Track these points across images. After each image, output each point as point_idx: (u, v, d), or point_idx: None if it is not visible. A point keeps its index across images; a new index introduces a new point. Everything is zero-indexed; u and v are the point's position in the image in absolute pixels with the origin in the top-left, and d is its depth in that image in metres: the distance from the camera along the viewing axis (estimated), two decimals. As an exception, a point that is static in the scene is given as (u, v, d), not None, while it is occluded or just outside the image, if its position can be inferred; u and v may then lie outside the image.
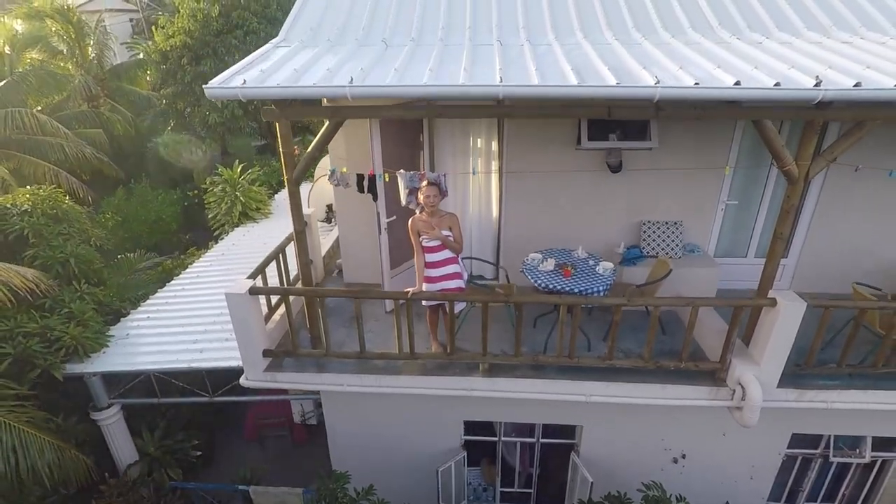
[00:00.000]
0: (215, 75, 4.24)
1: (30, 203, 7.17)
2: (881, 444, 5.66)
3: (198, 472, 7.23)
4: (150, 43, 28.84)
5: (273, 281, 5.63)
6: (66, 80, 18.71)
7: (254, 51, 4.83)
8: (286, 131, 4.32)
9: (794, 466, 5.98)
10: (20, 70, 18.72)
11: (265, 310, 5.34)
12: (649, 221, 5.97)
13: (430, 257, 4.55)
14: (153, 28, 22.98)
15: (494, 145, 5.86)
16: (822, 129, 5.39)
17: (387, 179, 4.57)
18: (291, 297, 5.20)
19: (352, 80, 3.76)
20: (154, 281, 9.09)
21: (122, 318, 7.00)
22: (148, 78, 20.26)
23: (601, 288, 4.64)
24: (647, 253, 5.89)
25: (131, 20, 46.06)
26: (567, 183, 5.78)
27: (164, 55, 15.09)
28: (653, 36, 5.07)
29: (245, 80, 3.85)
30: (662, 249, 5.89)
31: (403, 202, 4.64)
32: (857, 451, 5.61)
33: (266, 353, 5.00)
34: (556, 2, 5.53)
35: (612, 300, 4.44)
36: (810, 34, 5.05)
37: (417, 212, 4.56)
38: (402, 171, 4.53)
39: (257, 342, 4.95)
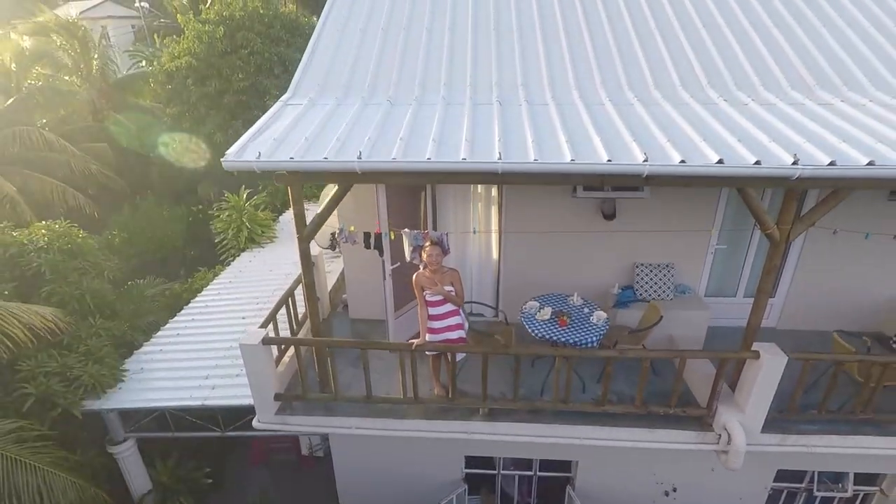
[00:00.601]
0: (220, 95, 4.46)
1: (46, 239, 7.44)
2: (863, 479, 5.93)
3: (209, 499, 7.50)
4: (153, 53, 29.11)
5: (282, 318, 5.86)
6: (72, 95, 18.96)
7: (256, 71, 5.06)
8: (298, 195, 4.58)
9: (780, 499, 6.24)
10: (28, 83, 19.00)
11: (275, 351, 5.60)
12: (642, 264, 6.23)
13: (434, 310, 4.81)
14: (154, 36, 23.12)
15: (494, 191, 6.13)
16: (802, 193, 5.66)
17: (392, 238, 4.83)
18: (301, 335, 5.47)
19: (360, 155, 4.01)
20: (163, 307, 9.35)
21: (134, 351, 7.27)
22: (152, 86, 20.38)
23: (594, 339, 4.91)
24: (640, 295, 6.15)
25: (133, 27, 46.32)
26: (564, 228, 6.04)
27: (170, 75, 15.33)
28: (644, 95, 5.33)
29: (259, 154, 4.11)
30: (655, 291, 6.16)
31: (408, 259, 4.91)
32: (840, 485, 5.88)
33: (277, 398, 5.27)
34: (553, 58, 5.79)
35: (605, 353, 4.71)
36: (794, 94, 5.31)
37: (421, 267, 4.83)
38: (406, 229, 4.80)
39: (269, 387, 5.22)
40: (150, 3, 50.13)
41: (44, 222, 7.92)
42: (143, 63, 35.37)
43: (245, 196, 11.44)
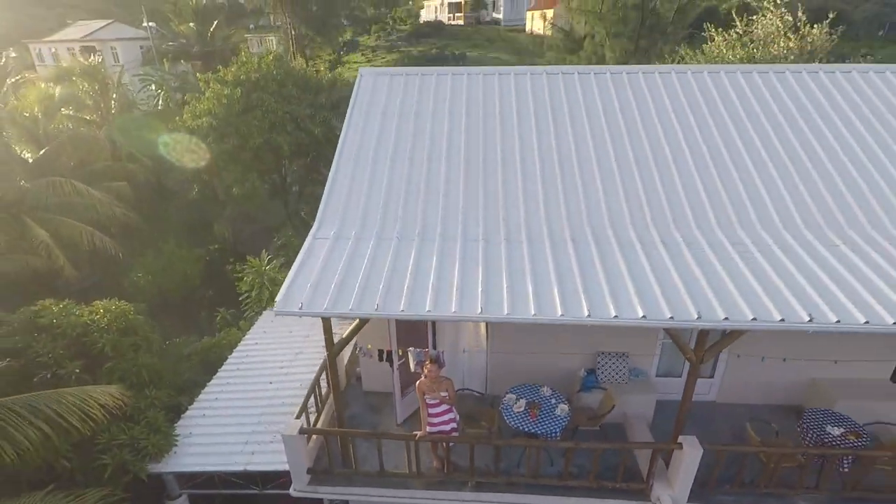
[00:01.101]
0: (237, 152, 5.65)
1: (106, 320, 8.84)
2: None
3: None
4: (162, 76, 30.42)
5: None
6: (95, 141, 20.23)
7: (270, 128, 6.32)
8: (328, 325, 5.99)
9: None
10: (52, 127, 20.36)
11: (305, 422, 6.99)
12: (603, 352, 7.63)
13: (432, 409, 6.21)
14: (164, 60, 24.32)
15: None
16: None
17: (400, 354, 6.23)
18: (324, 413, 6.88)
19: (377, 307, 5.42)
20: (197, 364, 10.77)
21: (181, 415, 8.67)
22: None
23: (557, 430, 6.32)
24: (601, 380, 7.56)
25: (141, 47, 47.61)
26: (538, 329, 7.42)
27: (191, 131, 16.70)
28: (605, 244, 6.68)
29: (301, 305, 5.50)
30: (613, 375, 7.57)
31: (412, 370, 6.31)
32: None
33: (310, 471, 6.68)
34: (529, 202, 7.10)
35: (565, 444, 6.13)
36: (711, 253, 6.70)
37: (423, 376, 6.22)
38: (411, 349, 6.20)
39: (303, 463, 6.62)
40: (157, 23, 51.38)
41: (101, 302, 9.30)
42: (153, 87, 36.77)
43: (266, 260, 12.81)
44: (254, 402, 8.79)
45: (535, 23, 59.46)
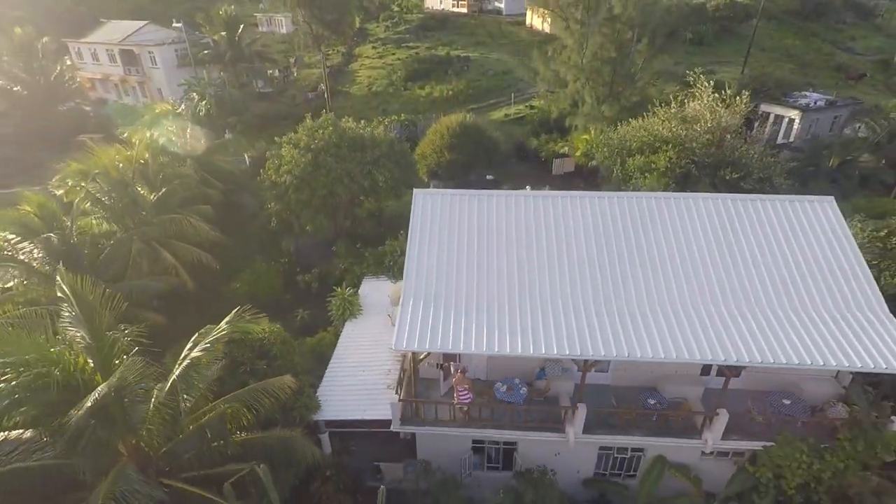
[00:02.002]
0: (310, 201, 12.35)
1: (272, 337, 15.61)
2: (634, 449, 14.49)
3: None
4: (200, 82, 36.17)
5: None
6: (189, 176, 26.39)
7: (331, 183, 13.28)
8: (416, 357, 12.84)
9: (603, 458, 14.79)
10: (156, 169, 26.42)
11: (398, 398, 13.92)
12: (549, 360, 14.52)
13: (460, 391, 13.19)
14: (205, 73, 29.87)
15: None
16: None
17: (443, 365, 13.12)
18: (403, 387, 13.91)
19: (451, 346, 12.26)
20: (310, 359, 17.62)
21: (317, 388, 15.60)
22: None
23: (521, 400, 13.33)
24: (546, 375, 14.48)
25: (176, 51, 52.41)
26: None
27: (274, 184, 23.01)
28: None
29: (405, 343, 12.33)
30: (552, 372, 14.49)
31: (451, 373, 13.25)
32: (627, 451, 14.43)
33: (402, 420, 13.71)
34: (535, 283, 13.83)
35: (525, 407, 13.15)
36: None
37: (457, 376, 13.12)
38: (451, 363, 13.10)
39: (398, 414, 13.64)
40: (186, 23, 55.90)
41: (266, 327, 16.03)
42: (196, 96, 42.54)
43: (345, 288, 19.44)
44: (359, 377, 15.75)
45: (535, 19, 63.50)
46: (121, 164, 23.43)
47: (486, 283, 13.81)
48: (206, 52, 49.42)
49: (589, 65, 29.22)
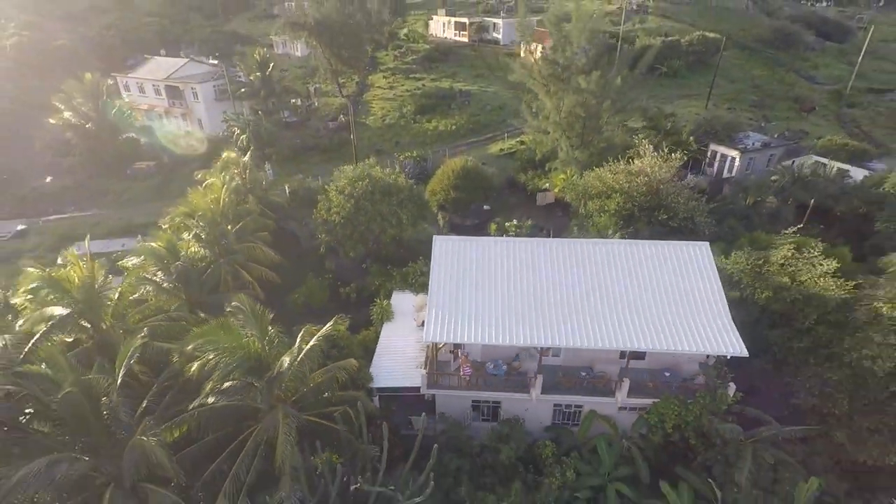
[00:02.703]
0: (352, 239, 20.66)
1: (338, 335, 23.55)
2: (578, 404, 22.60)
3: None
4: (240, 117, 44.42)
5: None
6: (255, 212, 34.39)
7: (367, 221, 22.12)
8: (434, 349, 20.91)
9: (557, 412, 22.85)
10: (226, 203, 34.31)
11: (425, 372, 21.92)
12: (521, 348, 22.55)
13: (466, 369, 21.23)
14: (244, 109, 37.85)
15: (481, 329, 22.45)
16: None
17: (454, 352, 21.17)
18: (427, 365, 21.96)
19: (468, 339, 20.35)
20: (359, 353, 25.60)
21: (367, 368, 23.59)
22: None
23: (503, 374, 21.41)
24: (520, 357, 22.53)
25: (215, 87, 60.44)
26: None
27: (325, 221, 31.07)
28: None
29: (430, 337, 20.41)
30: (524, 355, 22.53)
31: (459, 356, 21.34)
32: (573, 406, 22.51)
33: (428, 386, 21.78)
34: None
35: (508, 377, 21.25)
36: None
37: (462, 358, 21.15)
38: (459, 352, 21.18)
39: (426, 383, 21.70)
40: (220, 60, 63.73)
41: (339, 331, 23.98)
42: (237, 129, 50.72)
43: (382, 299, 27.42)
44: (397, 359, 23.76)
45: (527, 53, 71.49)
46: (212, 206, 31.39)
47: (483, 299, 21.81)
48: (243, 90, 57.33)
49: (564, 120, 37.25)
